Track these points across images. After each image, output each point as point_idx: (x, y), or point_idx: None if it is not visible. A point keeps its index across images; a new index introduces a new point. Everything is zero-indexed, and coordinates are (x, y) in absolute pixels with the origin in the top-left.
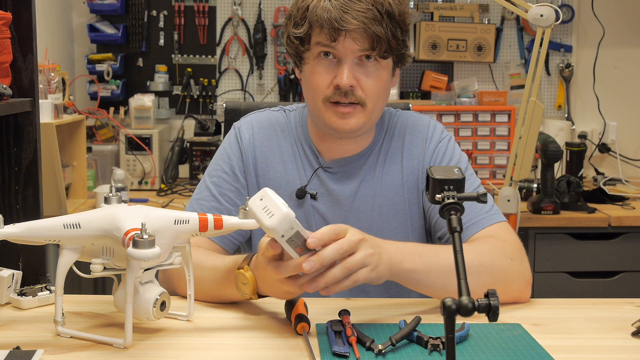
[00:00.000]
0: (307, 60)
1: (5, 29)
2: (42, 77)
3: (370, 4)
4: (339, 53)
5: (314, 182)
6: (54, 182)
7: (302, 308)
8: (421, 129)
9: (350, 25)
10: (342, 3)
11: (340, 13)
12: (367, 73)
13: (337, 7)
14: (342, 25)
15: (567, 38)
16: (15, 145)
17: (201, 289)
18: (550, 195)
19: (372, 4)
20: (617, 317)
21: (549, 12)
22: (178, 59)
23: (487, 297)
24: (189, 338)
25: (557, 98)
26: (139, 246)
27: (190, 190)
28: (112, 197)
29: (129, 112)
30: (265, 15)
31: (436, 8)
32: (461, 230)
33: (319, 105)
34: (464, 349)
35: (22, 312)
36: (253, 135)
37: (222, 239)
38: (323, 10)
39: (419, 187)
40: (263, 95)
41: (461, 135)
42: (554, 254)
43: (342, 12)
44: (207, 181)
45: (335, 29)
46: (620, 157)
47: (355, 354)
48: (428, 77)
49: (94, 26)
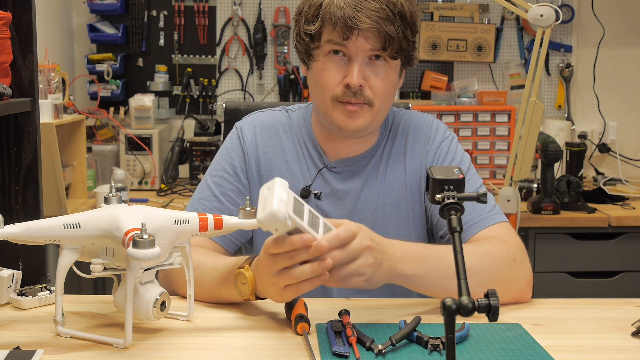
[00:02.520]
0: (317, 58)
1: (5, 29)
2: (42, 77)
3: (383, 4)
4: (350, 51)
5: (318, 182)
6: (54, 182)
7: (302, 308)
8: (424, 128)
9: (364, 24)
10: (355, 1)
11: (353, 11)
12: (376, 73)
13: (351, 5)
14: (355, 24)
15: (567, 38)
16: (15, 145)
17: (201, 289)
18: (550, 195)
19: (386, 4)
20: (617, 317)
21: (549, 12)
22: (178, 59)
23: (487, 297)
24: (189, 338)
25: (557, 98)
26: (139, 246)
27: (190, 190)
28: (112, 197)
29: (129, 112)
30: (265, 15)
31: (436, 8)
32: (461, 230)
33: (327, 103)
34: (464, 349)
35: (22, 312)
36: (255, 135)
37: (223, 239)
38: (337, 8)
39: (421, 186)
40: (263, 95)
41: (461, 135)
42: (554, 254)
43: (355, 11)
44: (208, 181)
45: (349, 27)
46: (620, 157)
47: (355, 354)
48: (428, 77)
49: (94, 26)
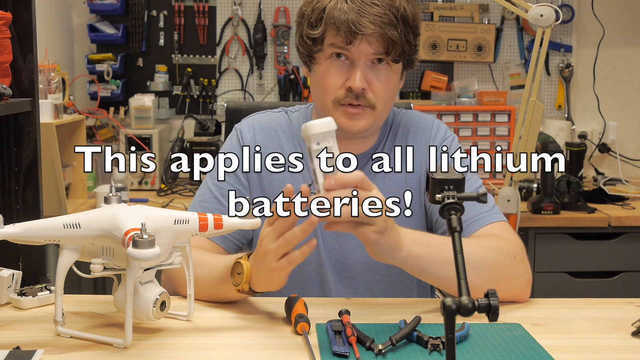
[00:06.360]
0: (319, 61)
1: (5, 29)
2: (42, 77)
3: (386, 8)
4: (353, 55)
5: None
6: (54, 182)
7: (302, 308)
8: (425, 128)
9: (367, 29)
10: (359, 6)
11: (357, 16)
12: (378, 76)
13: (355, 10)
14: (359, 29)
15: (567, 38)
16: (15, 145)
17: (201, 287)
18: (550, 195)
19: (389, 9)
20: (617, 317)
21: (549, 12)
22: (178, 59)
23: (487, 297)
24: (189, 338)
25: (557, 98)
26: (139, 246)
27: (190, 190)
28: (112, 197)
29: (129, 112)
30: (265, 15)
31: (436, 8)
32: (461, 230)
33: (329, 106)
34: (464, 349)
35: (22, 312)
36: (255, 136)
37: (223, 239)
38: (340, 12)
39: (421, 186)
40: (263, 95)
41: (461, 135)
42: (554, 254)
43: (359, 16)
44: (208, 183)
45: (352, 32)
46: (620, 157)
47: (355, 354)
48: (428, 77)
49: (94, 26)
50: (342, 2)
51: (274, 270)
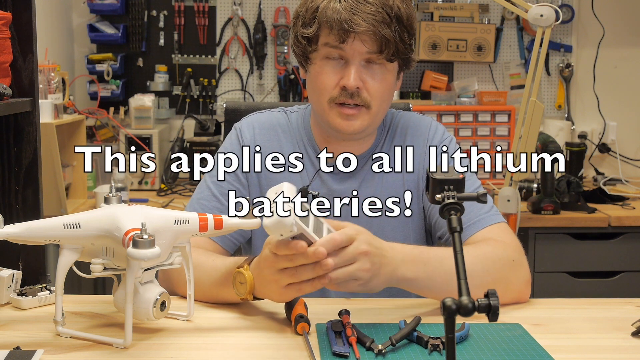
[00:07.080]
0: (314, 61)
1: (5, 29)
2: (42, 77)
3: (379, 7)
4: (347, 54)
5: (316, 183)
6: (54, 182)
7: (302, 308)
8: (423, 129)
9: (360, 27)
10: (352, 5)
11: (350, 15)
12: (373, 75)
13: (347, 9)
14: (351, 27)
15: (567, 38)
16: (15, 145)
17: (200, 290)
18: (550, 195)
19: (382, 7)
20: (617, 317)
21: (549, 12)
22: (178, 59)
23: (487, 297)
24: (189, 338)
25: (557, 98)
26: (139, 246)
27: (190, 190)
28: (112, 197)
29: (129, 112)
30: (265, 15)
31: (436, 8)
32: (461, 230)
33: (324, 105)
34: (464, 349)
35: (22, 312)
36: (254, 135)
37: (222, 239)
38: (333, 12)
39: (419, 187)
40: (263, 95)
41: (461, 135)
42: (554, 254)
43: (351, 14)
44: (207, 181)
45: (345, 30)
46: (620, 157)
47: (355, 354)
48: (428, 77)
49: (94, 26)
50: (335, 1)
51: (282, 295)
